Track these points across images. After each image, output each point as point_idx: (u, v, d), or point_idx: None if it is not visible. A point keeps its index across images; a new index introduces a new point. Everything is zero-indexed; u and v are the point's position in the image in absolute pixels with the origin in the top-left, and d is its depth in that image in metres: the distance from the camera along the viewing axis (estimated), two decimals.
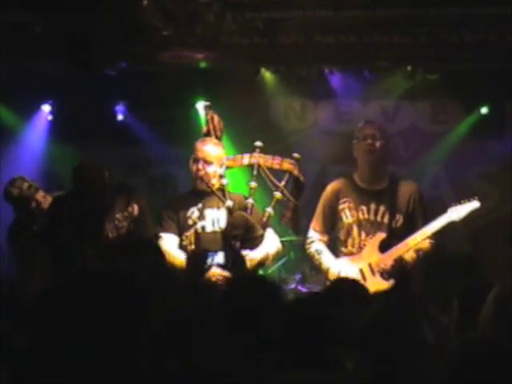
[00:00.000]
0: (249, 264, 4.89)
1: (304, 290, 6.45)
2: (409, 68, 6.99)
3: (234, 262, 4.81)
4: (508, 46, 6.22)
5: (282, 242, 5.35)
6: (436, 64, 6.88)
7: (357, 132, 5.41)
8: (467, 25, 6.30)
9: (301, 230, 5.48)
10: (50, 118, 7.60)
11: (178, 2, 6.31)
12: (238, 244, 4.83)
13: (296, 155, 5.09)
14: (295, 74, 7.14)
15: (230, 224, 4.86)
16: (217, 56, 6.67)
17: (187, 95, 7.23)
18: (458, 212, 5.17)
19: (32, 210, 5.55)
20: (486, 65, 6.71)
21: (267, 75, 7.27)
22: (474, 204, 5.20)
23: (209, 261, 4.80)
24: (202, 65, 6.90)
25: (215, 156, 5.07)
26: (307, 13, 6.39)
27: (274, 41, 6.53)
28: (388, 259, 5.16)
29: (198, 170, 5.05)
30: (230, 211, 4.89)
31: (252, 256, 4.92)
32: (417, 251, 5.20)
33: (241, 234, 4.83)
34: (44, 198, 5.56)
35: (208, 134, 5.24)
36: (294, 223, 5.24)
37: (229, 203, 4.89)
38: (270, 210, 4.97)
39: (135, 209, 5.11)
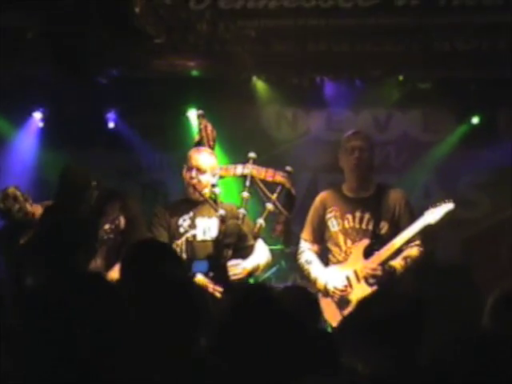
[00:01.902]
0: (241, 273, 4.88)
1: None
2: (401, 77, 7.02)
3: (217, 270, 4.80)
4: (500, 55, 6.23)
5: (273, 250, 5.34)
6: (428, 73, 6.89)
7: (344, 142, 5.40)
8: (459, 34, 6.31)
9: (292, 242, 5.49)
10: (41, 125, 7.58)
11: (170, 9, 6.31)
12: (230, 252, 4.82)
13: (289, 168, 5.09)
14: (287, 82, 7.14)
15: (223, 232, 4.85)
16: (209, 64, 6.68)
17: (179, 103, 7.21)
18: (433, 214, 5.20)
19: (19, 219, 5.49)
20: (477, 74, 6.72)
21: (259, 84, 7.27)
22: (449, 206, 5.23)
23: (192, 269, 4.80)
24: (194, 73, 6.91)
25: (209, 165, 5.07)
26: (299, 21, 6.40)
27: (266, 49, 6.54)
28: (371, 265, 5.16)
29: (191, 178, 5.03)
30: (222, 220, 4.89)
31: (244, 265, 4.91)
32: (405, 258, 5.20)
33: (233, 242, 4.83)
34: (32, 208, 5.50)
35: (200, 143, 5.23)
36: (285, 236, 5.23)
37: (221, 212, 4.89)
38: (261, 221, 4.97)
39: (122, 222, 5.05)
